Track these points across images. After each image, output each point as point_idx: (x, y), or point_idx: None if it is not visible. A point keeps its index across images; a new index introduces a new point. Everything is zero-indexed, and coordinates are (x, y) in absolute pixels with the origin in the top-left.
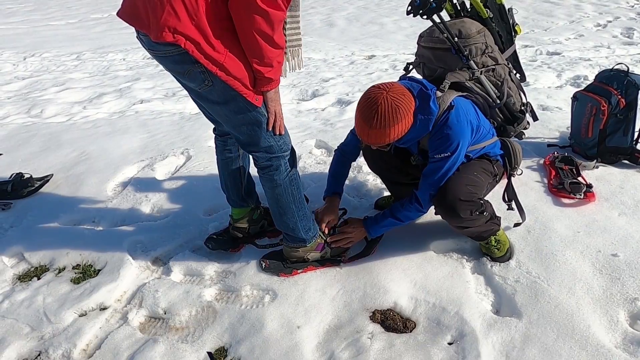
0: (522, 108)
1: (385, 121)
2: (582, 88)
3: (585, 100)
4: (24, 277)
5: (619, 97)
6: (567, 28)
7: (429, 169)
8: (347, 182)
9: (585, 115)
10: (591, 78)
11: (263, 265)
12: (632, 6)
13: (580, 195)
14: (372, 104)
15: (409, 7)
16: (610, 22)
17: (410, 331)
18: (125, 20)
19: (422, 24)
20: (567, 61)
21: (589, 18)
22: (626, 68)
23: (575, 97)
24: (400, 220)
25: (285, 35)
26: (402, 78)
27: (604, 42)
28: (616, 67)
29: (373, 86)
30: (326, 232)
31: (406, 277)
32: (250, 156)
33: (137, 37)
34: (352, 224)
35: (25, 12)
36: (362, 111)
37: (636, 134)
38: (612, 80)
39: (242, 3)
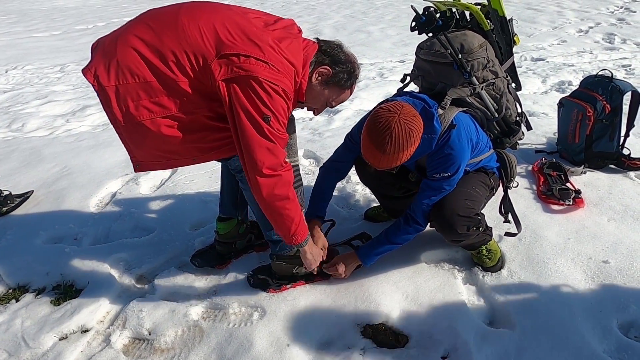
0: (517, 119)
1: (399, 146)
2: (568, 94)
3: (571, 106)
4: (2, 300)
5: (604, 102)
6: (550, 34)
7: (427, 186)
8: (335, 192)
9: (572, 121)
10: (575, 83)
11: (251, 281)
12: (612, 12)
13: (569, 201)
14: (385, 129)
15: (414, 24)
16: (591, 27)
17: (403, 346)
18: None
19: (409, 31)
20: (552, 67)
21: (571, 24)
22: (610, 74)
23: (561, 103)
24: (399, 244)
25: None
26: (399, 90)
27: (586, 48)
28: (600, 73)
29: (381, 108)
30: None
31: (397, 290)
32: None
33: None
34: (343, 259)
35: (7, 24)
36: (374, 136)
37: (622, 139)
38: (597, 86)
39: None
